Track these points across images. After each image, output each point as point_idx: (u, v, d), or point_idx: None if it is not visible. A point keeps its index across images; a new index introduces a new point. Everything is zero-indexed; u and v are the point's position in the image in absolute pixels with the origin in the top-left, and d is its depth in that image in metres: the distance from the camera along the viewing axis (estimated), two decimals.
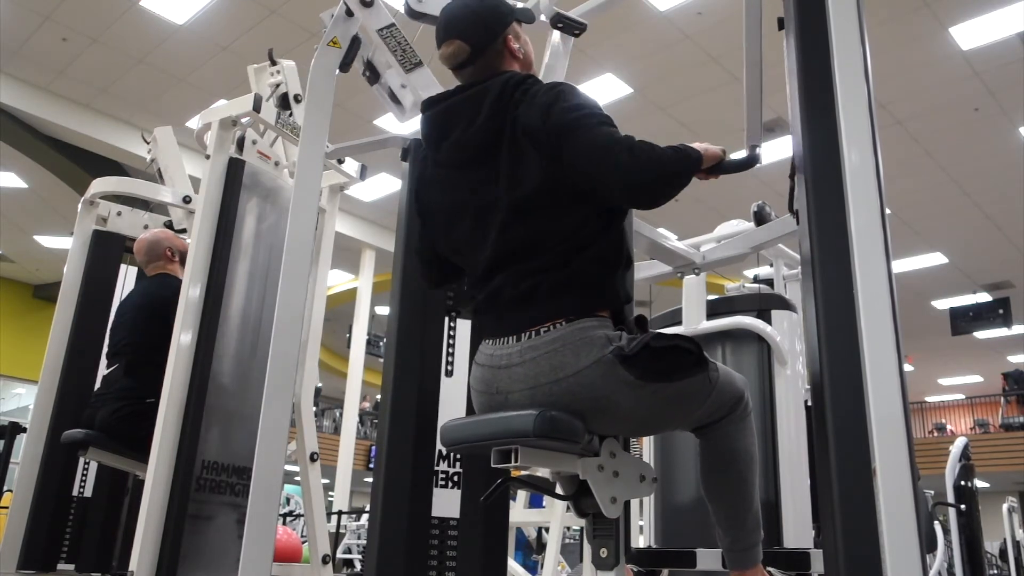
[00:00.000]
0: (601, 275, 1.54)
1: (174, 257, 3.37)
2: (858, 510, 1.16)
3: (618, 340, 1.47)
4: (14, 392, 14.63)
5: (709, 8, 7.22)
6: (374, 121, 9.28)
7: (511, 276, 1.54)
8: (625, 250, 1.60)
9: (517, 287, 1.53)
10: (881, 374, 1.20)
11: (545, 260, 1.52)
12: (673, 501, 2.62)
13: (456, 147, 1.63)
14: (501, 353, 1.55)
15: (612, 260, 1.56)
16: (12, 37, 8.12)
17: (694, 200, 10.60)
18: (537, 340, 1.50)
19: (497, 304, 1.57)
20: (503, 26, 1.69)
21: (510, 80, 1.61)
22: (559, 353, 1.47)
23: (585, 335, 1.47)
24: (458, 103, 1.65)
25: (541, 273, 1.51)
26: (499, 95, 1.59)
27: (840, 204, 1.31)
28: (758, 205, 2.84)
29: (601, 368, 1.45)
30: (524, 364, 1.50)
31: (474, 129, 1.60)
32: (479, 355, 1.63)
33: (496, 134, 1.58)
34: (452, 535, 2.18)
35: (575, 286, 1.51)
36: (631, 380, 1.46)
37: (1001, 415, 17.76)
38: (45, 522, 3.36)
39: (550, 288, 1.50)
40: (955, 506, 6.34)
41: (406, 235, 2.42)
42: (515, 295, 1.53)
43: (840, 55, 1.39)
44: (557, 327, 1.49)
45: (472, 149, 1.61)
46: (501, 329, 1.57)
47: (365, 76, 2.48)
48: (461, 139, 1.62)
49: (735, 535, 1.65)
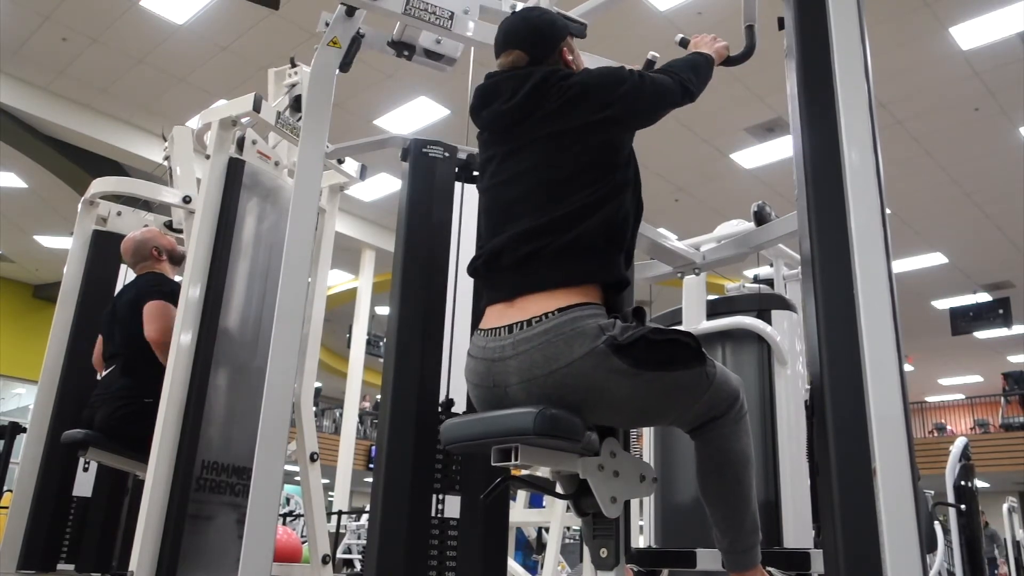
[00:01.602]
0: (602, 248, 1.57)
1: (161, 256, 3.36)
2: (858, 510, 1.16)
3: (611, 329, 1.48)
4: (14, 392, 14.63)
5: (709, 8, 7.22)
6: (374, 121, 9.28)
7: (513, 238, 1.58)
8: (627, 232, 1.65)
9: (517, 251, 1.57)
10: (881, 374, 1.20)
11: (550, 221, 1.56)
12: (673, 501, 2.61)
13: (493, 115, 1.73)
14: (494, 345, 1.56)
15: (614, 237, 1.60)
16: (12, 37, 8.11)
17: (694, 200, 10.62)
18: (529, 332, 1.50)
19: (495, 269, 1.61)
20: (560, 39, 1.80)
21: (555, 72, 1.70)
22: (552, 344, 1.47)
23: (577, 325, 1.48)
24: (504, 80, 1.75)
25: (544, 236, 1.55)
26: (544, 79, 1.67)
27: (840, 204, 1.31)
28: (758, 205, 2.84)
29: (594, 359, 1.46)
30: (518, 356, 1.51)
31: (513, 102, 1.68)
32: (472, 347, 1.64)
33: (534, 108, 1.66)
34: (452, 535, 2.18)
35: (574, 255, 1.54)
36: (624, 369, 1.46)
37: (1001, 415, 17.76)
38: (45, 522, 3.36)
39: (550, 253, 1.54)
40: (955, 506, 6.34)
41: (406, 235, 2.42)
42: (514, 260, 1.57)
43: (840, 55, 1.39)
44: (549, 317, 1.50)
45: (505, 120, 1.70)
46: (501, 293, 1.60)
47: (404, 55, 2.51)
48: (499, 109, 1.71)
49: (733, 537, 1.64)
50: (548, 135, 1.65)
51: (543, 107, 1.65)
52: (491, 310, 1.64)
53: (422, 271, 2.40)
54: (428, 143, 2.56)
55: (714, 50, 1.92)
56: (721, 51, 1.96)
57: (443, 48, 2.57)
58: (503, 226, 1.64)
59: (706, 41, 1.97)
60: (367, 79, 8.48)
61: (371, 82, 8.57)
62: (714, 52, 1.92)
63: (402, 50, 2.51)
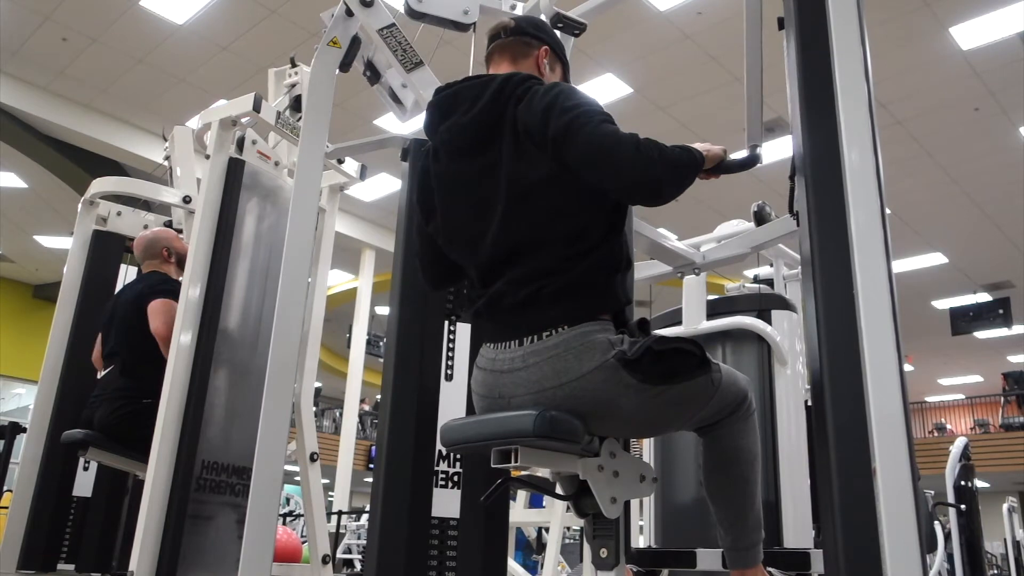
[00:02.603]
0: (603, 279, 1.54)
1: (170, 258, 3.36)
2: (858, 510, 1.16)
3: (620, 344, 1.47)
4: (14, 392, 14.63)
5: (709, 8, 7.22)
6: (374, 121, 9.28)
7: (511, 283, 1.54)
8: (626, 252, 1.60)
9: (517, 294, 1.53)
10: (881, 374, 1.20)
11: (546, 264, 1.51)
12: (673, 501, 2.62)
13: (452, 129, 1.65)
14: (504, 357, 1.55)
15: (613, 264, 1.56)
16: (12, 37, 8.11)
17: (694, 200, 10.60)
18: (539, 345, 1.49)
19: (498, 310, 1.57)
20: (547, 38, 1.81)
21: (514, 77, 1.63)
22: (562, 358, 1.47)
23: (587, 339, 1.47)
24: (463, 89, 1.68)
25: (542, 278, 1.51)
26: (501, 87, 1.61)
27: (840, 204, 1.31)
28: (758, 205, 2.84)
29: (604, 373, 1.45)
30: (527, 368, 1.50)
31: (472, 115, 1.62)
32: (480, 359, 1.63)
33: (493, 125, 1.59)
34: (452, 535, 2.18)
35: (576, 291, 1.51)
36: (634, 384, 1.46)
37: (1001, 415, 17.75)
38: (45, 522, 3.36)
39: (552, 293, 1.50)
40: (955, 506, 6.34)
41: (406, 235, 2.42)
42: (515, 302, 1.53)
43: (840, 55, 1.39)
44: (560, 331, 1.48)
45: (469, 134, 1.62)
46: (502, 334, 1.57)
47: (366, 76, 2.48)
48: (459, 122, 1.64)
49: (737, 534, 1.65)
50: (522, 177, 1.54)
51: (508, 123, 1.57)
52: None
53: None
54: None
55: (706, 152, 1.64)
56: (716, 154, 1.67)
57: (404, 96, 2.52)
58: (497, 274, 1.56)
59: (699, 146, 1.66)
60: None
61: None
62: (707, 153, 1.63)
63: (367, 71, 2.49)
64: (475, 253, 1.62)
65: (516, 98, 1.59)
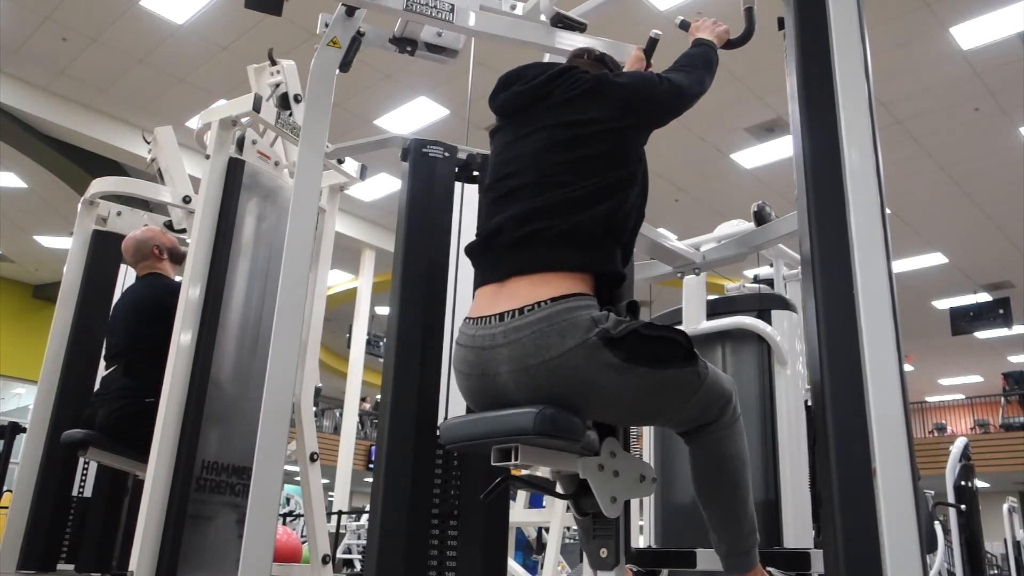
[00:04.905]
0: (602, 238, 1.56)
1: (162, 255, 3.34)
2: (858, 510, 1.16)
3: (604, 321, 1.47)
4: (14, 392, 14.62)
5: (709, 8, 7.22)
6: (374, 121, 9.28)
7: (515, 217, 1.58)
8: (628, 227, 1.67)
9: (517, 230, 1.56)
10: (881, 374, 1.20)
11: (553, 205, 1.57)
12: (673, 501, 2.61)
13: (510, 96, 1.80)
14: (484, 334, 1.54)
15: (619, 223, 1.60)
16: (12, 37, 8.11)
17: (694, 200, 10.61)
18: (521, 320, 1.49)
19: (493, 246, 1.60)
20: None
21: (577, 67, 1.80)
22: (544, 334, 1.46)
23: (570, 316, 1.47)
24: (530, 66, 1.86)
25: (546, 219, 1.55)
26: (566, 69, 1.77)
27: (840, 204, 1.31)
28: (758, 205, 2.84)
29: (585, 351, 1.45)
30: (509, 345, 1.50)
31: (533, 83, 1.76)
32: (461, 336, 1.62)
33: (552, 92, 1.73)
34: (452, 534, 2.18)
35: (574, 241, 1.54)
36: (615, 363, 1.45)
37: (1001, 415, 17.75)
38: (45, 522, 3.36)
39: (551, 237, 1.53)
40: (955, 506, 6.34)
41: (406, 235, 2.42)
42: (513, 239, 1.56)
43: (840, 55, 1.39)
44: (542, 307, 1.48)
45: (524, 98, 1.76)
46: (495, 273, 1.60)
47: (406, 51, 2.51)
48: (516, 90, 1.79)
49: (732, 540, 1.64)
50: (559, 124, 1.68)
51: (559, 93, 1.71)
52: (481, 294, 1.63)
53: (422, 271, 2.40)
54: (428, 143, 2.56)
55: (715, 35, 2.02)
56: (722, 35, 2.05)
57: (444, 40, 2.58)
58: (504, 207, 1.64)
59: (707, 25, 2.05)
60: (367, 79, 8.48)
61: (371, 82, 8.57)
62: (715, 37, 2.01)
63: (404, 46, 2.51)
64: (495, 182, 1.73)
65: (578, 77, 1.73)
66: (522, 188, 1.64)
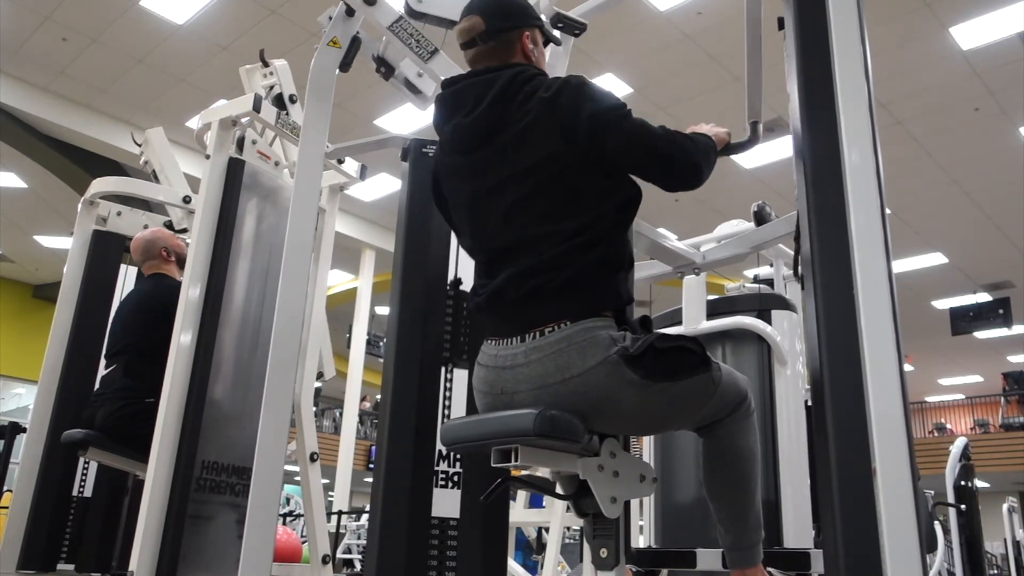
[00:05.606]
0: (605, 276, 1.54)
1: (170, 257, 3.36)
2: (858, 510, 1.16)
3: (622, 340, 1.48)
4: (14, 392, 14.62)
5: (709, 8, 7.22)
6: (374, 121, 9.27)
7: (513, 277, 1.54)
8: (628, 251, 1.61)
9: (519, 289, 1.53)
10: (881, 374, 1.20)
11: (549, 259, 1.51)
12: (673, 501, 2.62)
13: (455, 130, 1.66)
14: (506, 353, 1.55)
15: (615, 261, 1.56)
16: (12, 37, 8.11)
17: (694, 200, 10.60)
18: (542, 340, 1.50)
19: (500, 305, 1.57)
20: (524, 23, 1.73)
21: (520, 74, 1.63)
22: (564, 353, 1.47)
23: (590, 335, 1.47)
24: (466, 87, 1.67)
25: (544, 273, 1.51)
26: (507, 85, 1.61)
27: (840, 204, 1.31)
28: (758, 205, 2.84)
29: (606, 368, 1.45)
30: (529, 364, 1.50)
31: (473, 117, 1.62)
32: (482, 355, 1.63)
33: (494, 127, 1.59)
34: (452, 535, 2.18)
35: (579, 287, 1.51)
36: (636, 380, 1.46)
37: (1001, 415, 17.76)
38: (45, 522, 3.36)
39: (554, 289, 1.50)
40: (955, 506, 6.34)
41: (406, 235, 2.42)
42: (517, 297, 1.53)
43: (840, 55, 1.39)
44: (562, 327, 1.49)
45: (471, 135, 1.62)
46: (503, 329, 1.57)
47: (380, 72, 2.49)
48: (461, 123, 1.64)
49: (737, 534, 1.65)
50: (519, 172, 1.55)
51: (511, 127, 1.57)
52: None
53: (422, 271, 2.40)
54: (428, 143, 2.56)
55: (714, 135, 1.75)
56: (722, 137, 1.81)
57: (422, 84, 2.53)
58: (497, 268, 1.58)
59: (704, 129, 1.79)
60: (367, 79, 8.44)
61: (371, 82, 8.54)
62: (714, 137, 1.74)
63: (380, 67, 2.49)
64: (479, 245, 1.64)
65: (524, 95, 1.58)
66: (506, 252, 1.57)
